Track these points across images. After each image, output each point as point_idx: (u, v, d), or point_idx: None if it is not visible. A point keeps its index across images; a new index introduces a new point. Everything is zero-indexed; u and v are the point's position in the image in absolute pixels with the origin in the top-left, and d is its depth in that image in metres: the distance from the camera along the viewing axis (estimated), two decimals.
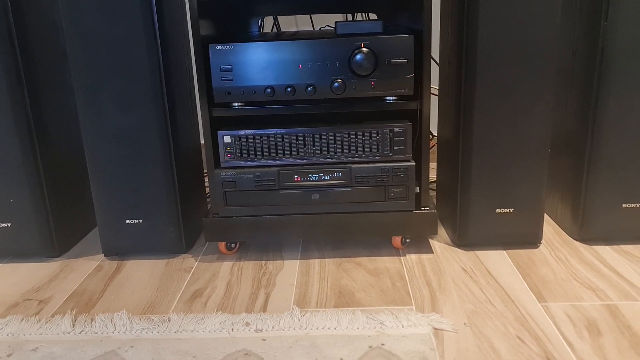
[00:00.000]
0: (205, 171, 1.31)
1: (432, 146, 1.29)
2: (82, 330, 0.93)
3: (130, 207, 1.15)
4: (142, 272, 1.15)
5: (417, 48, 1.07)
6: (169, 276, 1.13)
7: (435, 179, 1.39)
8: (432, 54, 1.15)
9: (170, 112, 1.11)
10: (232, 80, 1.07)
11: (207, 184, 1.43)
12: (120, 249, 1.20)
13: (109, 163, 1.13)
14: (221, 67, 1.07)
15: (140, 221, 1.16)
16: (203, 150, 1.20)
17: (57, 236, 1.20)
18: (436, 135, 1.37)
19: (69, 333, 0.92)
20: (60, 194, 1.22)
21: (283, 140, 1.11)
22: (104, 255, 1.22)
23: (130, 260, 1.20)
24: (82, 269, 1.18)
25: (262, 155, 1.12)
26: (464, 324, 0.91)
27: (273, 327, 0.91)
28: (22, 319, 0.97)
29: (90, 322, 0.95)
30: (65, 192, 1.24)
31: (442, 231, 1.28)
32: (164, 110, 1.10)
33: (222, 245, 1.20)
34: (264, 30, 1.58)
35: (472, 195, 1.13)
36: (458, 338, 0.87)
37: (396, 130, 1.10)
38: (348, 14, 1.55)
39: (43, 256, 1.22)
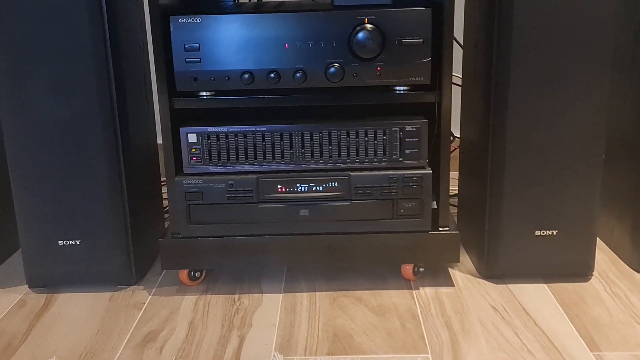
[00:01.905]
0: (163, 179, 1.29)
1: (454, 150, 1.26)
2: None
3: (64, 225, 1.15)
4: (78, 308, 1.15)
5: (435, 25, 1.07)
6: (113, 314, 1.12)
7: (457, 192, 1.39)
8: (455, 33, 1.11)
9: (118, 102, 1.11)
10: (199, 62, 1.08)
11: (165, 195, 1.40)
12: (50, 278, 1.19)
13: (37, 167, 1.12)
14: (186, 45, 1.07)
15: (77, 242, 1.16)
16: (161, 152, 1.17)
17: None
18: (458, 136, 1.36)
19: None
20: None
21: (264, 139, 1.11)
22: (29, 287, 1.21)
23: (63, 294, 1.20)
24: (0, 304, 1.17)
25: (237, 158, 1.12)
26: None
27: None
28: None
29: None
30: None
31: (465, 258, 1.28)
32: (111, 100, 1.10)
33: (183, 274, 1.19)
34: (241, 0, 1.57)
35: (505, 213, 1.13)
36: None
37: (408, 129, 1.11)
38: None
39: None
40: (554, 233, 1.14)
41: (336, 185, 1.12)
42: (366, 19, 1.05)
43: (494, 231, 1.15)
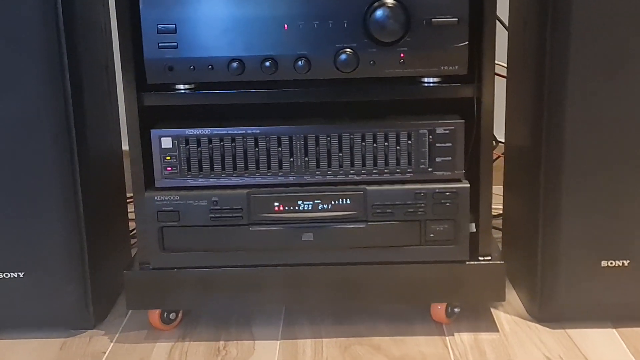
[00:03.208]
0: (129, 195, 1.28)
1: (497, 158, 1.28)
2: None
3: (3, 253, 1.15)
4: (21, 358, 1.14)
5: (474, 0, 1.07)
6: None
7: (502, 212, 1.39)
8: (498, 11, 1.11)
9: (73, 98, 1.11)
10: (175, 47, 1.08)
11: (132, 215, 1.39)
12: None
13: None
14: (159, 25, 1.07)
15: (20, 275, 1.15)
16: (127, 161, 1.18)
17: None
18: (503, 140, 1.37)
19: None
20: None
21: (257, 145, 1.12)
22: None
23: (1, 340, 1.19)
24: None
25: (223, 169, 1.12)
26: None
27: None
28: None
29: None
30: None
31: (512, 296, 1.28)
32: (64, 95, 1.10)
33: (154, 315, 1.19)
34: None
35: (563, 238, 1.13)
36: None
37: (439, 131, 1.11)
38: None
39: None
40: (626, 264, 1.13)
41: (348, 202, 1.12)
42: None
43: (549, 261, 1.14)
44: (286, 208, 1.12)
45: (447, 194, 1.11)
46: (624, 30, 1.05)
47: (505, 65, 1.30)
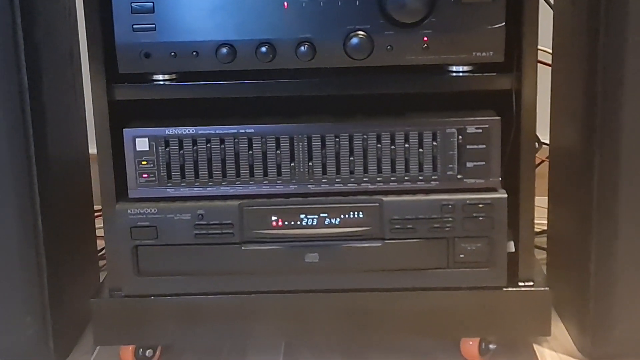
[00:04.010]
0: (97, 207, 1.27)
1: (540, 163, 1.28)
2: None
3: None
4: None
5: None
6: None
7: (546, 228, 1.39)
8: None
9: (31, 90, 1.11)
10: (153, 29, 1.09)
11: (101, 232, 1.38)
12: None
13: None
14: (133, 4, 1.08)
15: None
16: (94, 167, 1.18)
17: None
18: (547, 142, 1.36)
19: None
20: None
21: (251, 147, 1.11)
22: None
23: None
24: None
25: (210, 176, 1.12)
26: None
27: None
28: None
29: None
30: None
31: (559, 329, 1.27)
32: (19, 88, 1.10)
33: (127, 352, 1.18)
34: None
35: (619, 260, 1.12)
36: None
37: (471, 130, 1.10)
38: None
39: None
40: None
41: (361, 216, 1.11)
42: None
43: (604, 287, 1.13)
44: (286, 223, 1.11)
45: (480, 206, 1.10)
46: None
47: (550, 51, 1.30)
